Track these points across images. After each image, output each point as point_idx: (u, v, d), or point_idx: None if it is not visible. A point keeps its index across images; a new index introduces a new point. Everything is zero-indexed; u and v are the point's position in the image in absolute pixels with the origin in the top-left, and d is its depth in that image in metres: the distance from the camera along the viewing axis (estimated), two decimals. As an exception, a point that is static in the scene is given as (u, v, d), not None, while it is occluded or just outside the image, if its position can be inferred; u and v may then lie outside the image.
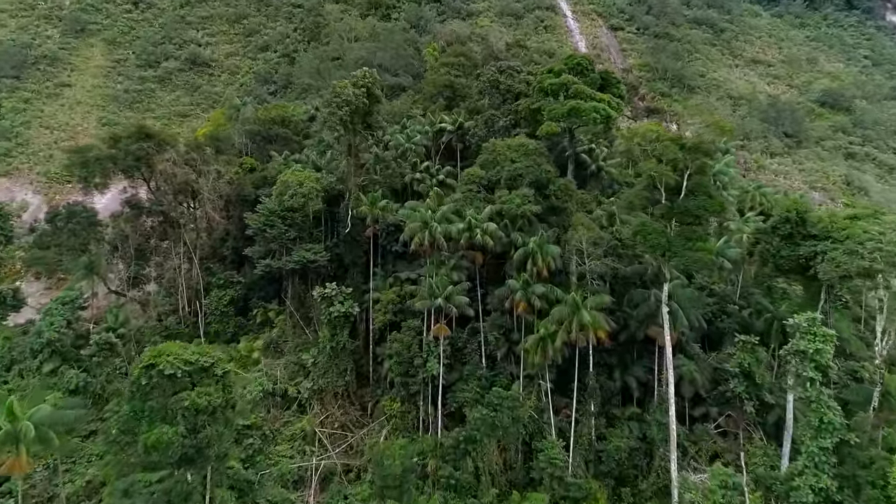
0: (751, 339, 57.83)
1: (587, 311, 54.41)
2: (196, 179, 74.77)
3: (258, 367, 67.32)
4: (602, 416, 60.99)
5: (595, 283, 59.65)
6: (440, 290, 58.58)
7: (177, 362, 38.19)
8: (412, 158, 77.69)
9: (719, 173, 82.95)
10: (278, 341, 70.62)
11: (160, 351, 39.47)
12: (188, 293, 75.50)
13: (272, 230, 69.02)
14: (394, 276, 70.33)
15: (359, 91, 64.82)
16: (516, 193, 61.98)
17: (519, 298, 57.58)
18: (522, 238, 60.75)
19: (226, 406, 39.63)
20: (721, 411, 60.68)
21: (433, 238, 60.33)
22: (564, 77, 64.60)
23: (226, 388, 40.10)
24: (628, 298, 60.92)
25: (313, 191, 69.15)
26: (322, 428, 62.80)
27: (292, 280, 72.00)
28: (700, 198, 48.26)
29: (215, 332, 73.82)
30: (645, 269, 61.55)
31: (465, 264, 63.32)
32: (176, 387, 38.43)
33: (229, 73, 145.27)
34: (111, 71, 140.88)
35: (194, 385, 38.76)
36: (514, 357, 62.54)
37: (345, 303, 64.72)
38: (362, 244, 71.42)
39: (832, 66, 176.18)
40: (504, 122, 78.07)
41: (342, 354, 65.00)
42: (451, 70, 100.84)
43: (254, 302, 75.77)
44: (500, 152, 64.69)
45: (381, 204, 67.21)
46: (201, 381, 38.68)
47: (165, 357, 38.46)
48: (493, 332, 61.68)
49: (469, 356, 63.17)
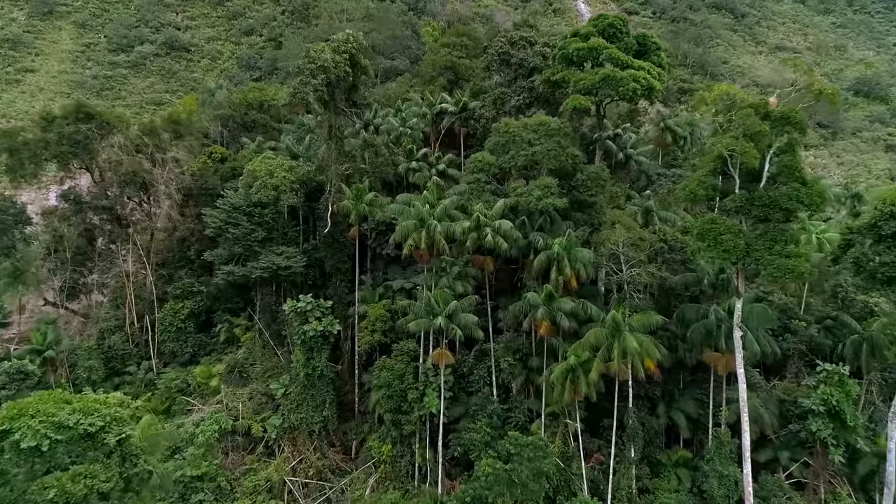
0: (838, 370, 45.38)
1: (633, 333, 41.90)
2: (149, 169, 62.26)
3: (217, 397, 54.80)
4: (644, 461, 48.62)
5: (637, 296, 47.15)
6: (441, 307, 46.10)
7: (44, 427, 25.40)
8: (407, 145, 65.16)
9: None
10: (244, 364, 58.02)
11: (22, 408, 26.53)
12: (139, 305, 62.98)
13: (235, 230, 56.55)
14: (384, 286, 57.93)
15: (340, 58, 52.27)
16: (535, 184, 49.52)
17: (541, 317, 45.09)
18: (544, 239, 48.34)
19: (125, 490, 26.99)
20: (794, 456, 48.29)
21: (432, 239, 47.90)
22: (594, 41, 52.08)
23: (127, 460, 27.57)
24: (678, 316, 48.48)
25: (286, 182, 56.70)
26: (293, 477, 50.35)
27: (261, 290, 59.52)
28: (791, 185, 35.82)
29: (171, 352, 61.29)
30: (698, 278, 49.11)
31: (472, 272, 50.85)
32: (46, 464, 25.96)
33: (210, 59, 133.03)
34: (80, 56, 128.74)
35: (74, 461, 26.35)
36: (534, 389, 50.11)
37: (323, 319, 52.31)
38: (346, 247, 58.95)
39: (861, 54, 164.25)
40: (516, 100, 65.43)
41: (319, 383, 52.56)
42: (452, 51, 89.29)
43: (219, 316, 63.24)
44: (514, 133, 52.20)
45: (369, 197, 54.74)
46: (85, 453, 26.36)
47: (27, 419, 25.71)
48: (507, 358, 49.21)
49: (476, 385, 50.76)
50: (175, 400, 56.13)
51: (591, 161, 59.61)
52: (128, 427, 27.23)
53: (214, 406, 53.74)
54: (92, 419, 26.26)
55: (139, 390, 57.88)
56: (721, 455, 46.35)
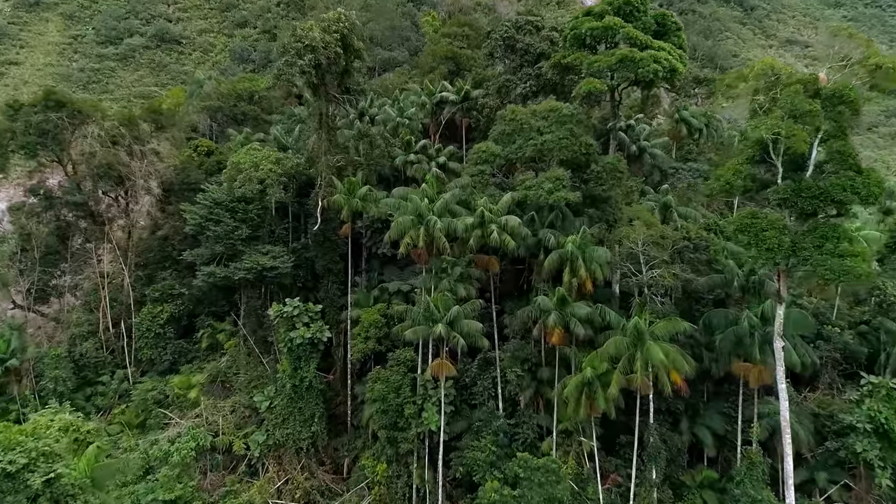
0: (886, 382, 40.66)
1: (657, 343, 37.14)
2: (126, 162, 57.57)
3: (197, 409, 50.06)
4: (666, 483, 43.85)
5: (658, 300, 42.43)
6: (441, 313, 41.36)
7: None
8: (405, 136, 60.44)
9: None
10: (227, 374, 53.30)
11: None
12: (115, 309, 58.26)
13: (217, 227, 51.83)
14: (380, 288, 53.20)
15: (330, 38, 47.50)
16: (546, 176, 44.77)
17: (553, 324, 40.32)
18: (555, 237, 43.59)
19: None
20: (832, 478, 43.51)
21: (431, 237, 43.18)
22: (609, 20, 47.30)
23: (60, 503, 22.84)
24: (704, 322, 43.71)
25: (273, 175, 51.98)
26: (278, 499, 45.62)
27: (246, 293, 54.84)
28: (843, 174, 31.06)
29: (149, 359, 56.56)
30: (726, 279, 44.33)
31: (476, 273, 46.14)
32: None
33: (202, 51, 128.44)
34: (67, 48, 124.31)
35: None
36: (544, 402, 45.35)
37: (311, 325, 47.59)
38: (338, 246, 54.27)
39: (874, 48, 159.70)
40: (523, 88, 60.72)
41: (308, 395, 47.84)
42: (453, 42, 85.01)
43: (201, 320, 58.55)
44: (522, 121, 47.46)
45: (362, 192, 50.03)
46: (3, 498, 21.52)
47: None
48: (514, 368, 44.41)
49: (480, 398, 46.06)
50: (151, 413, 51.44)
51: (606, 153, 54.88)
52: (61, 463, 22.38)
53: (193, 420, 48.96)
54: (12, 456, 21.44)
55: (112, 402, 53.36)
56: (752, 477, 41.52)
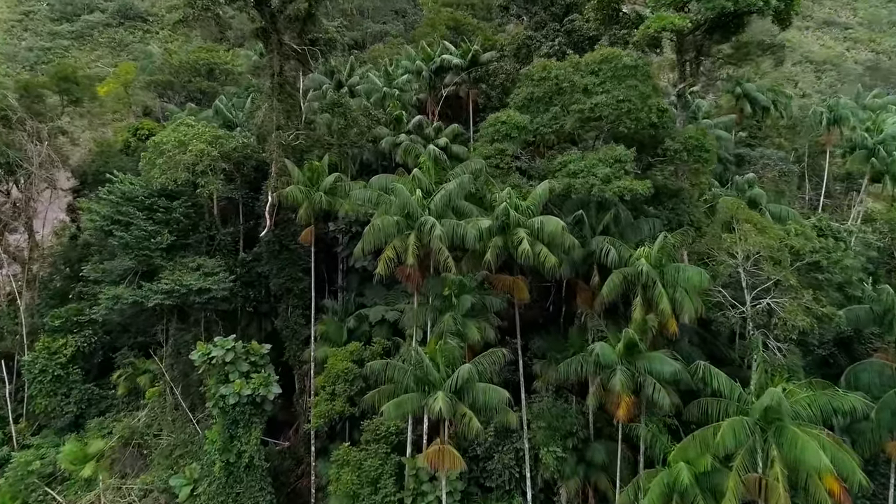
0: None
1: (804, 429, 22.05)
2: (17, 144, 42.72)
3: (92, 494, 35.04)
4: None
5: (777, 347, 27.33)
6: (441, 372, 26.12)
7: None
8: (395, 110, 45.26)
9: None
10: (146, 435, 38.36)
11: None
12: (4, 341, 43.36)
13: (126, 232, 36.79)
14: (357, 316, 38.15)
15: (281, -43, 32.58)
16: (599, 157, 29.68)
17: (620, 388, 25.21)
18: (617, 249, 28.51)
19: None
20: None
21: (426, 248, 28.20)
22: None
23: None
24: (847, 379, 28.64)
25: (206, 158, 36.89)
26: None
27: (173, 323, 39.80)
28: None
29: (45, 411, 41.47)
30: (874, 314, 29.29)
31: (496, 303, 30.95)
32: None
33: (170, 30, 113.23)
34: (16, 25, 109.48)
35: None
36: (598, 496, 30.24)
37: (253, 376, 32.63)
38: (300, 257, 39.26)
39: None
40: (549, 48, 45.65)
41: (249, 477, 32.87)
42: (455, 11, 72.09)
43: (122, 355, 43.62)
44: (561, 78, 32.30)
45: (328, 182, 35.01)
46: None
47: None
48: (552, 448, 29.28)
49: (498, 478, 30.99)
50: (33, 492, 36.50)
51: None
52: None
53: (86, 511, 34.10)
54: None
55: (-18, 477, 38.38)
56: None
